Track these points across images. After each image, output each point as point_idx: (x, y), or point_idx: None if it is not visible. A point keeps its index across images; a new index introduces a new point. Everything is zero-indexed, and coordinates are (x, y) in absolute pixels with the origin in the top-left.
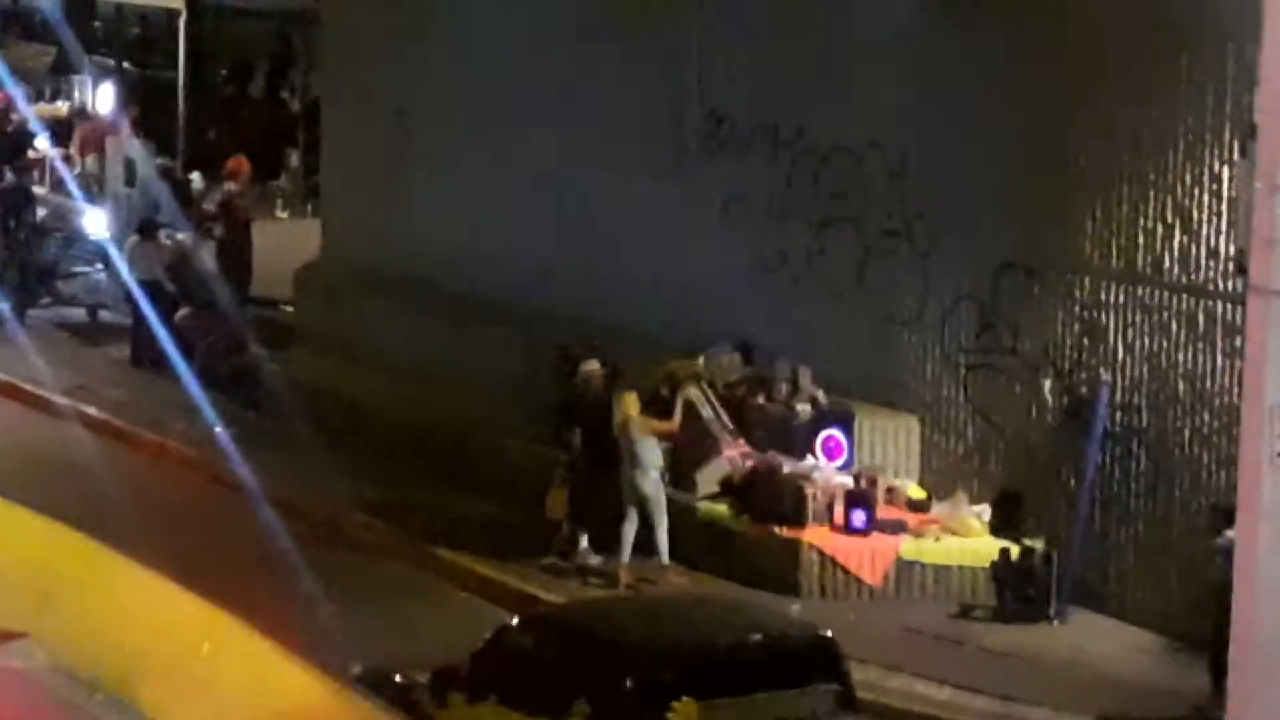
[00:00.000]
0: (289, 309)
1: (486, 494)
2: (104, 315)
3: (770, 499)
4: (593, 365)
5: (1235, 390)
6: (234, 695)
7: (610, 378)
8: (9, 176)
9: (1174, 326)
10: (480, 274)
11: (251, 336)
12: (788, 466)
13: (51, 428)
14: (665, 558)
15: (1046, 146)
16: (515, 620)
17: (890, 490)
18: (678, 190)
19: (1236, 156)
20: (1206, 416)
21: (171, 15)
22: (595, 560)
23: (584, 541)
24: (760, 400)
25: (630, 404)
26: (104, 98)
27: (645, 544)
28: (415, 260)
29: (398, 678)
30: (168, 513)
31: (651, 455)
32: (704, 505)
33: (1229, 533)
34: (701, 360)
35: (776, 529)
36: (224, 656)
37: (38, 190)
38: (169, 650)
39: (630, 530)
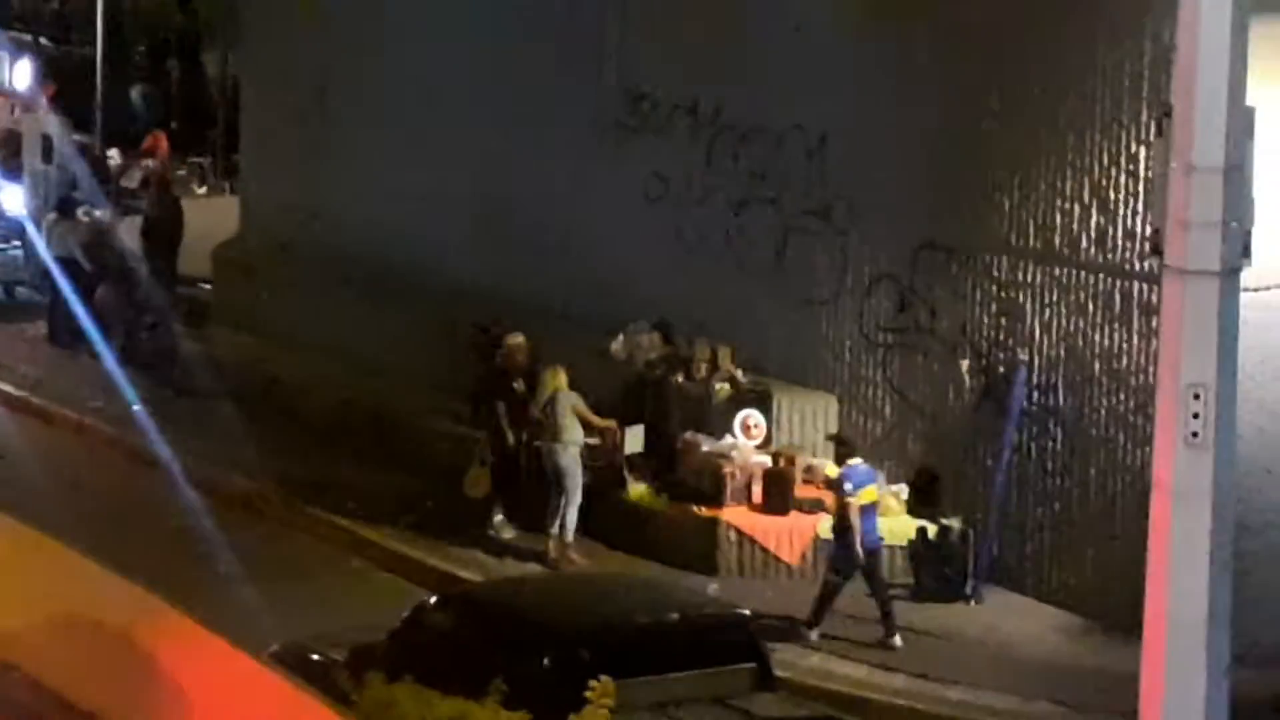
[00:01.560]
0: (207, 287)
1: (405, 472)
2: (21, 293)
3: (688, 478)
4: (518, 338)
5: (1151, 370)
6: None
7: (533, 351)
8: None
9: (1090, 307)
10: (399, 252)
11: (171, 314)
12: (706, 446)
13: None
14: (571, 533)
15: (964, 127)
16: (433, 599)
17: (808, 469)
18: (597, 169)
19: (1152, 137)
20: (1123, 396)
21: None
22: (510, 534)
23: (499, 515)
24: (679, 379)
25: (559, 377)
26: (21, 73)
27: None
28: (333, 238)
29: (315, 656)
30: (85, 490)
31: (575, 431)
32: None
33: None
34: (621, 339)
35: (695, 508)
36: (141, 633)
37: None
38: (88, 628)
39: (559, 504)
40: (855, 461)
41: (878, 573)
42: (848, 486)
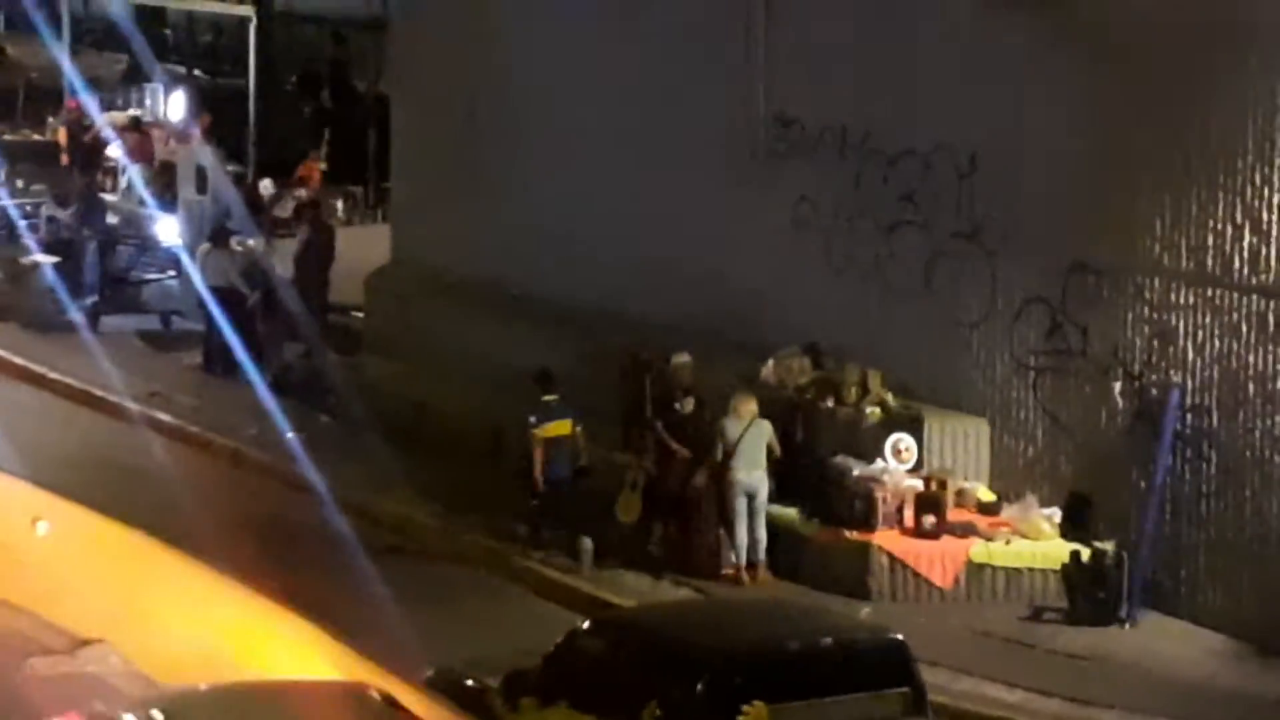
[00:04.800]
0: (359, 315)
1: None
2: (177, 322)
3: (840, 502)
4: (684, 358)
5: None
6: None
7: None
8: (78, 182)
9: (1244, 328)
10: (548, 277)
11: (323, 342)
12: (857, 470)
13: (126, 434)
14: (763, 554)
15: (1115, 147)
16: (586, 624)
17: (960, 493)
18: (747, 193)
19: None
20: (1278, 418)
21: (242, 22)
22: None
23: (658, 532)
24: (829, 403)
25: (753, 404)
26: (175, 105)
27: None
28: (484, 263)
29: (470, 681)
30: (241, 518)
31: (761, 452)
32: (774, 509)
33: None
34: (771, 363)
35: (846, 532)
36: (299, 662)
37: (109, 198)
38: (244, 655)
39: (742, 529)
40: (550, 399)
41: (564, 503)
42: (533, 419)
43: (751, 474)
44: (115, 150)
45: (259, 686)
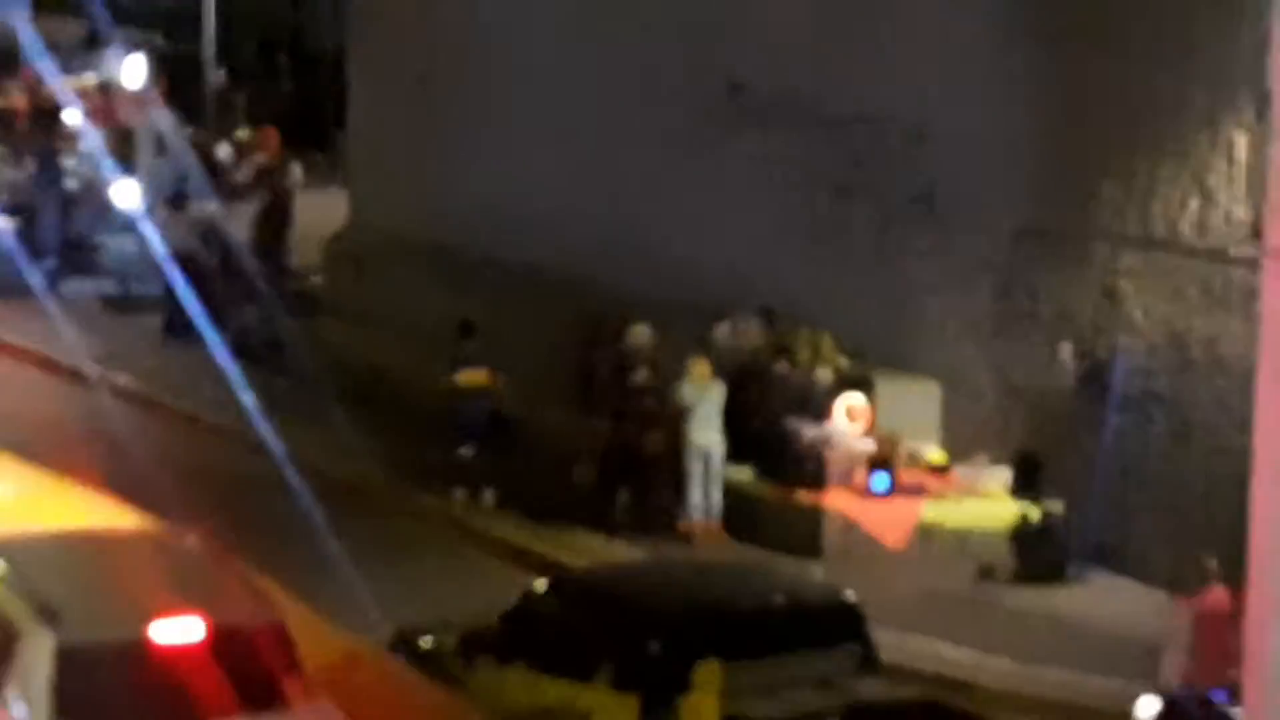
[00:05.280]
0: (316, 279)
1: (513, 460)
2: (135, 286)
3: (791, 464)
4: (641, 328)
5: (1251, 355)
6: None
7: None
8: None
9: (1191, 291)
10: (504, 241)
11: (281, 305)
12: (809, 431)
13: (83, 397)
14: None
15: (1064, 114)
16: (541, 584)
17: (910, 454)
18: (700, 159)
19: (1253, 122)
20: (1223, 381)
21: None
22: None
23: (624, 499)
24: (782, 366)
25: (704, 366)
26: (132, 70)
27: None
28: (440, 228)
29: (426, 641)
30: (197, 478)
31: (717, 415)
32: (729, 470)
33: None
34: (724, 327)
35: (799, 493)
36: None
37: (68, 163)
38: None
39: (697, 490)
40: (468, 346)
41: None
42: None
43: (708, 436)
44: (74, 115)
45: (83, 533)
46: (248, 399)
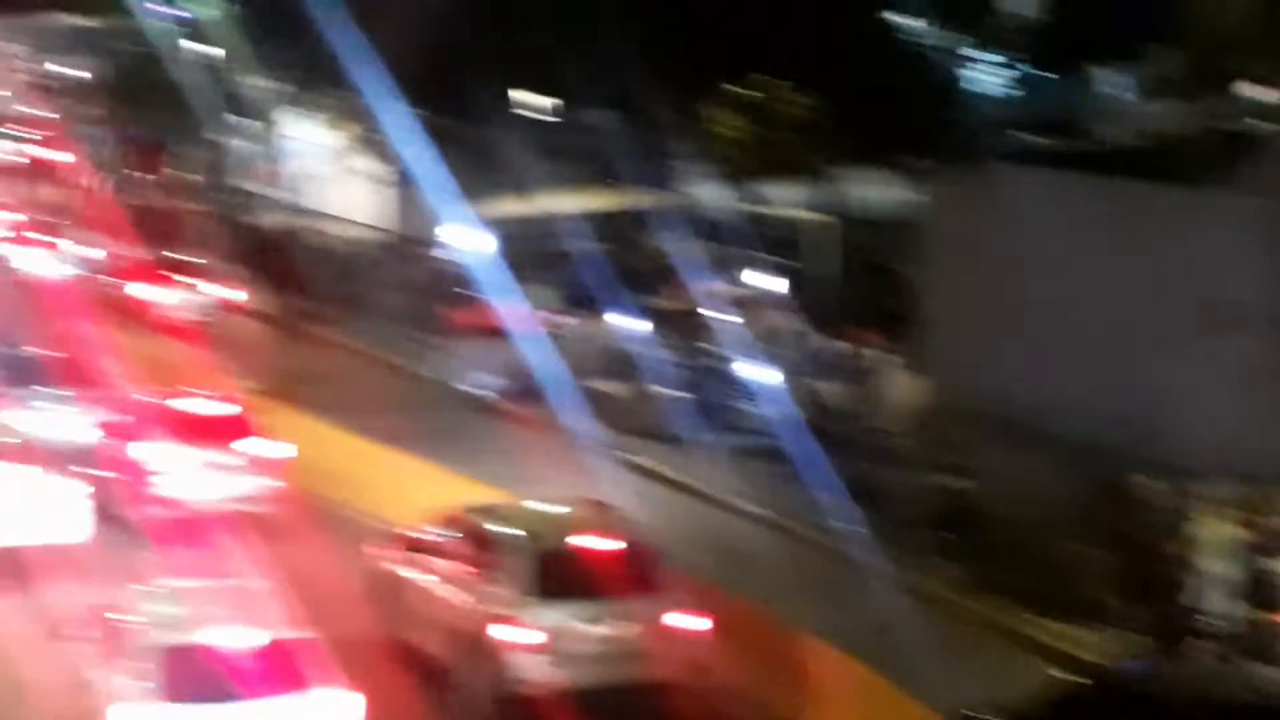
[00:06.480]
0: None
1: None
2: (764, 442)
3: None
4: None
5: None
6: None
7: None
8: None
9: None
10: (1056, 413)
11: (881, 457)
12: None
13: (724, 519)
14: None
15: None
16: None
17: None
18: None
19: None
20: None
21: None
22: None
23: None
24: None
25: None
26: (769, 282)
27: None
28: (1008, 401)
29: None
30: (802, 582)
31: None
32: None
33: None
34: None
35: None
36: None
37: (719, 349)
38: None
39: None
40: None
41: None
42: None
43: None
44: (721, 313)
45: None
46: (854, 522)
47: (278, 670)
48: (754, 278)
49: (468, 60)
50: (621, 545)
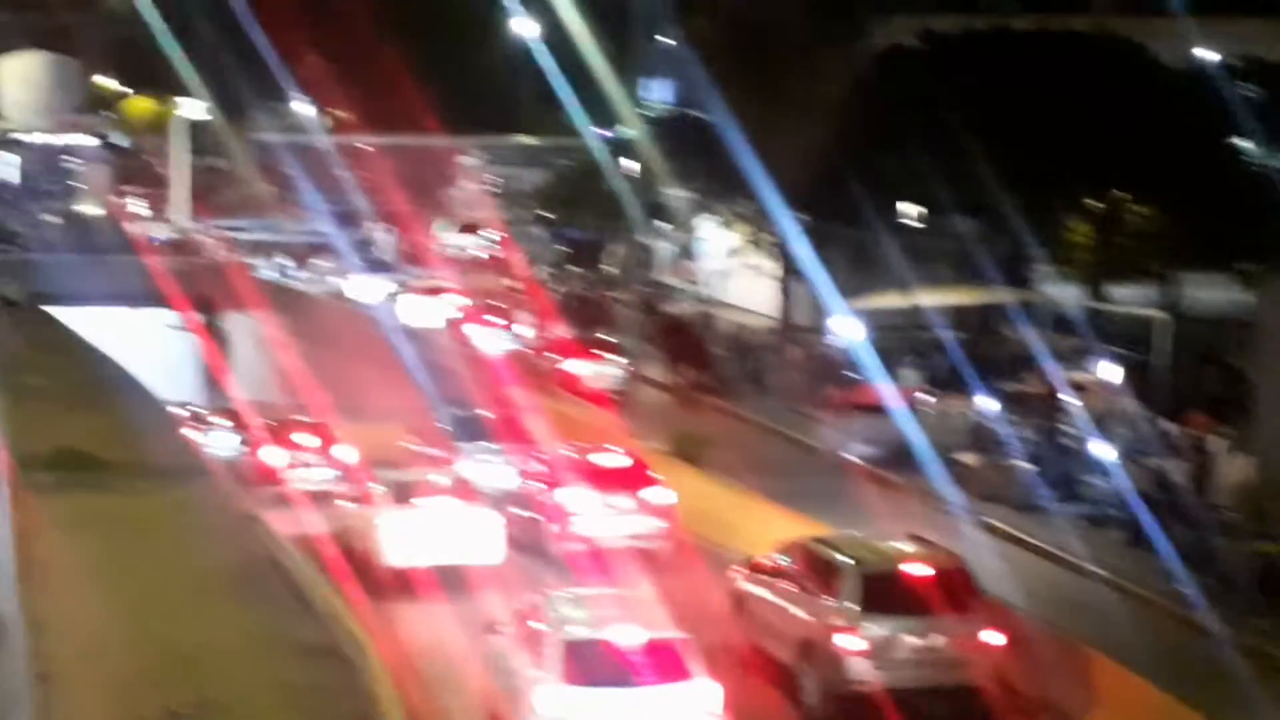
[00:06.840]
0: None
1: None
2: (1106, 512)
3: None
4: None
5: None
6: None
7: None
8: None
9: None
10: None
11: (1218, 530)
12: None
13: (1064, 576)
14: None
15: None
16: None
17: None
18: None
19: None
20: None
21: (1160, 322)
22: None
23: None
24: None
25: None
26: (1111, 372)
27: None
28: None
29: None
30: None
31: None
32: None
33: None
34: None
35: None
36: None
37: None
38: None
39: None
40: None
41: None
42: None
43: None
44: (1064, 395)
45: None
46: (1184, 582)
47: (660, 662)
48: (1098, 367)
49: (848, 173)
50: (937, 571)
